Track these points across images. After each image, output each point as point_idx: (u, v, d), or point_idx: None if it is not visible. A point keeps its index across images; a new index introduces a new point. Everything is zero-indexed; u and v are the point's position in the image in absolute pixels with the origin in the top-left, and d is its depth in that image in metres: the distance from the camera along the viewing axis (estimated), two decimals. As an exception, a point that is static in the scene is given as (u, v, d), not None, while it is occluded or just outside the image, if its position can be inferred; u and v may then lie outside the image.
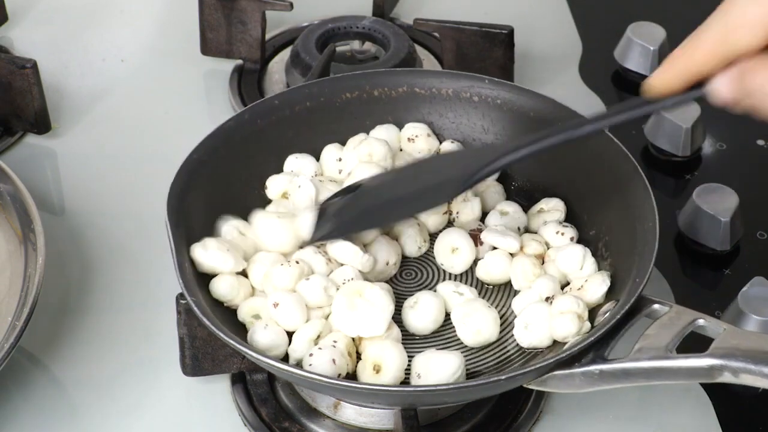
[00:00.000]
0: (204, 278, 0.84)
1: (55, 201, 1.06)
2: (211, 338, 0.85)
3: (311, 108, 0.96)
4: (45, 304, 0.88)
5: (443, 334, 0.86)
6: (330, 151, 0.95)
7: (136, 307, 0.96)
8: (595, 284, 0.83)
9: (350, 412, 0.86)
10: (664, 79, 0.72)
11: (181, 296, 0.83)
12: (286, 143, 0.94)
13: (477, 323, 0.83)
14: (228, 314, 0.83)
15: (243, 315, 0.84)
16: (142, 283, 0.97)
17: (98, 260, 0.99)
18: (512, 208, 0.93)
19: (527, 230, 0.92)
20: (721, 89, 0.70)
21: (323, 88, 0.96)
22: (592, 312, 0.83)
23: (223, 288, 0.83)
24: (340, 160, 0.94)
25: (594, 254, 0.88)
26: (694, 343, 0.75)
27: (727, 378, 0.72)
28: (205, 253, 0.83)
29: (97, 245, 1.01)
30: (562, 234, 0.89)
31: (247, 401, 0.88)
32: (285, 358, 0.81)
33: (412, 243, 0.90)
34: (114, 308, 0.95)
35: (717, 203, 1.00)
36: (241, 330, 0.83)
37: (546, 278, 0.85)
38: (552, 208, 0.92)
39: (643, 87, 0.74)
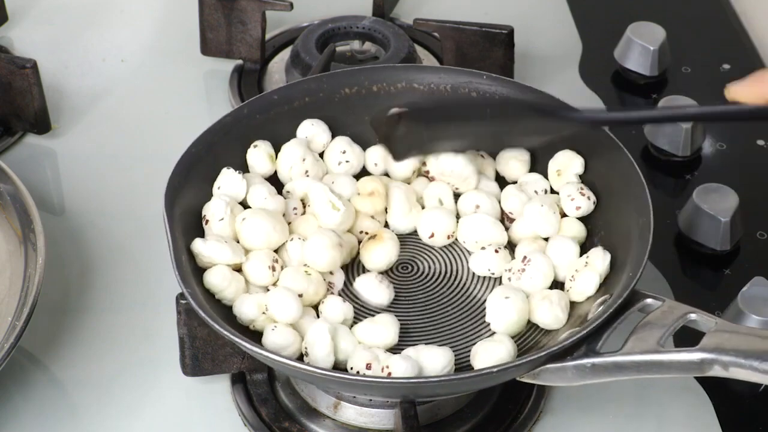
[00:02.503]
0: (202, 275, 0.84)
1: (55, 201, 1.06)
2: (211, 338, 0.85)
3: (310, 103, 0.96)
4: (45, 304, 0.88)
5: (433, 329, 0.86)
6: (337, 143, 0.95)
7: (136, 307, 0.96)
8: (597, 258, 0.84)
9: (350, 412, 0.86)
10: (746, 93, 0.78)
11: (181, 296, 0.83)
12: (285, 139, 0.94)
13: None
14: (227, 311, 0.83)
15: (251, 311, 0.83)
16: (142, 283, 0.97)
17: (98, 260, 0.99)
18: (532, 178, 0.93)
19: (552, 191, 0.93)
20: None
21: (322, 84, 0.96)
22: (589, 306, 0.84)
23: (215, 278, 0.83)
24: (344, 152, 0.94)
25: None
26: (694, 338, 0.76)
27: (717, 372, 0.73)
28: (204, 245, 0.84)
29: (97, 245, 1.01)
30: (572, 199, 0.89)
31: (247, 401, 0.88)
32: (300, 358, 0.81)
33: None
34: (114, 308, 0.96)
35: (717, 203, 1.00)
36: (238, 327, 0.83)
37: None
38: (567, 161, 0.92)
39: (726, 90, 0.79)
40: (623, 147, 0.89)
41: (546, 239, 0.89)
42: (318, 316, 0.85)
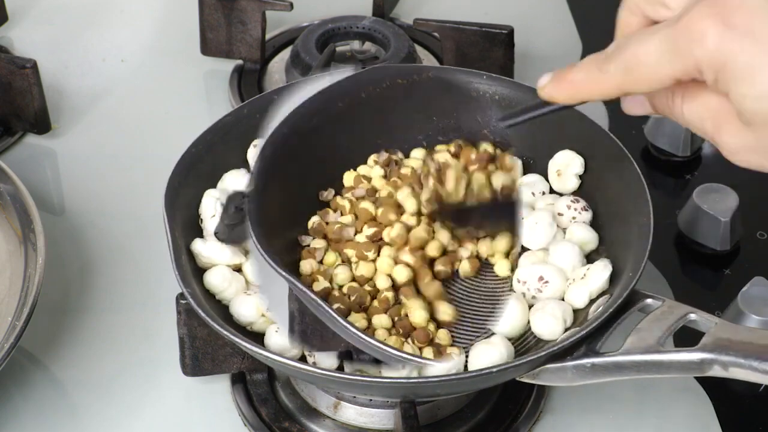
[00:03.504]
0: (202, 275, 0.84)
1: (55, 201, 1.06)
2: (211, 338, 0.85)
3: None
4: (45, 304, 0.88)
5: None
6: None
7: (136, 307, 0.96)
8: (597, 271, 0.84)
9: (350, 413, 0.86)
10: (555, 95, 0.73)
11: (181, 296, 0.83)
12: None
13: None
14: (227, 311, 0.83)
15: (249, 312, 0.82)
16: (142, 283, 0.97)
17: (98, 260, 0.99)
18: (532, 179, 0.93)
19: (552, 191, 0.93)
20: None
21: (322, 83, 0.96)
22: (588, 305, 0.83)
23: (215, 278, 0.83)
24: None
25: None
26: (694, 338, 0.75)
27: (717, 372, 0.73)
28: (204, 245, 0.84)
29: (97, 245, 1.01)
30: (574, 218, 0.89)
31: (247, 401, 0.88)
32: (302, 359, 0.81)
33: None
34: (114, 308, 0.96)
35: (717, 203, 1.00)
36: (239, 327, 0.83)
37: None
38: (567, 161, 0.92)
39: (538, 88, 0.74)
40: (623, 147, 0.89)
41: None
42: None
